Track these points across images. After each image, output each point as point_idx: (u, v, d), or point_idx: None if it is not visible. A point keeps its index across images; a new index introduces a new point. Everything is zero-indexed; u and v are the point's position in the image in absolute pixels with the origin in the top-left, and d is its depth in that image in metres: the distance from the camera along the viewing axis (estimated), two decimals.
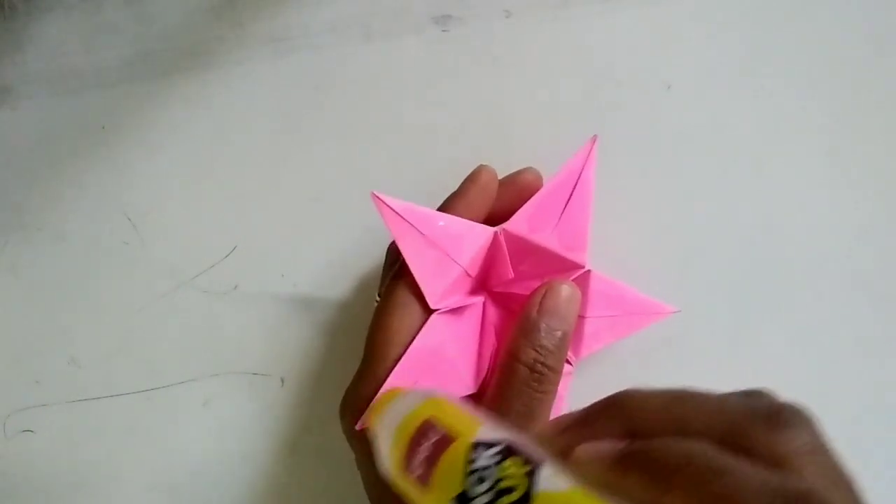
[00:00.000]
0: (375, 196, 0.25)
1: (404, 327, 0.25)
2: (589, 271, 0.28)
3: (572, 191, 0.27)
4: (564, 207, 0.27)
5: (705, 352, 0.32)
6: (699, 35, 0.33)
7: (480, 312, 0.28)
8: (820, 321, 0.32)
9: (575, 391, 0.30)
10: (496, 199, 0.28)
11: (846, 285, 0.32)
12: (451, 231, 0.26)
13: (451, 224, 0.26)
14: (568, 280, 0.26)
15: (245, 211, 0.34)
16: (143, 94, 0.34)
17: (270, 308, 0.33)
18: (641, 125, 0.33)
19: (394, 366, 0.25)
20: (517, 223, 0.26)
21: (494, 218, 0.28)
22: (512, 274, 0.26)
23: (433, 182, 0.28)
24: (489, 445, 0.19)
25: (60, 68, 0.35)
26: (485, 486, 0.18)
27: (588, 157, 0.27)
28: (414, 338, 0.25)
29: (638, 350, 0.32)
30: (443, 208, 0.27)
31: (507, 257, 0.26)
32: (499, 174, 0.29)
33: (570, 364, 0.28)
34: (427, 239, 0.25)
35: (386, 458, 0.22)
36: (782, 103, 0.33)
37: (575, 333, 0.28)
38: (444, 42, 0.34)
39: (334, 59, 0.34)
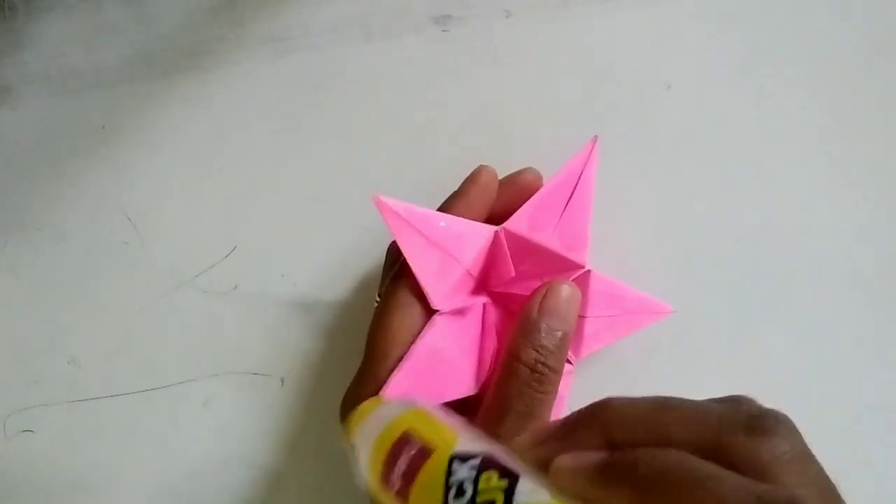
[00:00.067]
0: (377, 199, 0.25)
1: (405, 327, 0.25)
2: (589, 271, 0.28)
3: (573, 191, 0.27)
4: (565, 207, 0.27)
5: (705, 352, 0.32)
6: (699, 35, 0.33)
7: (481, 313, 0.28)
8: (820, 321, 0.32)
9: (576, 391, 0.30)
10: (496, 200, 0.28)
11: (846, 285, 0.32)
12: (453, 231, 0.26)
13: (453, 224, 0.26)
14: (568, 280, 0.26)
15: (245, 211, 0.34)
16: (143, 94, 0.34)
17: (270, 308, 0.33)
18: (641, 125, 0.33)
19: (395, 366, 0.25)
20: (517, 222, 0.26)
21: (495, 218, 0.28)
22: (513, 272, 0.26)
23: (433, 182, 0.28)
24: (466, 458, 0.19)
25: (60, 68, 0.35)
26: (463, 501, 0.18)
27: (589, 158, 0.27)
28: (415, 338, 0.25)
29: (638, 350, 0.32)
30: (443, 208, 0.27)
31: (509, 256, 0.26)
32: (499, 174, 0.29)
33: (571, 364, 0.28)
34: (429, 240, 0.25)
35: (365, 471, 0.21)
36: (782, 103, 0.33)
37: (575, 333, 0.28)
38: (444, 42, 0.34)
39: (334, 59, 0.34)
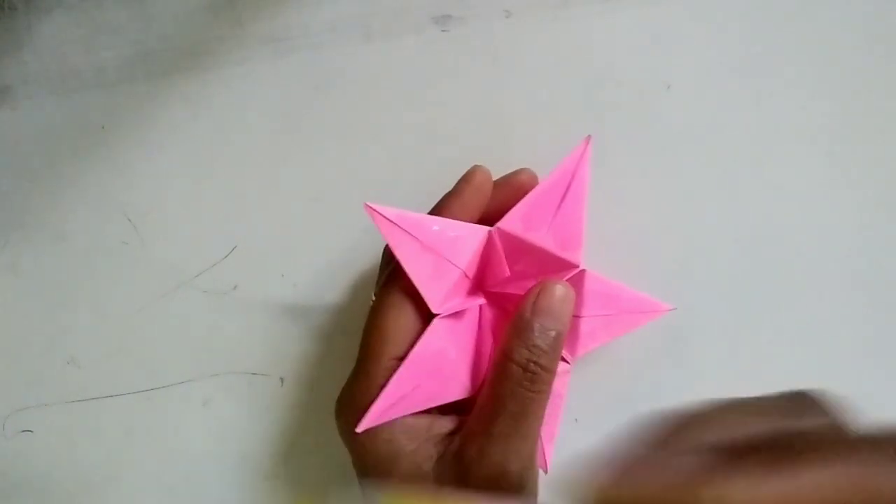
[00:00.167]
0: (369, 207, 0.25)
1: (398, 327, 0.25)
2: (584, 271, 0.28)
3: (566, 190, 0.27)
4: (559, 207, 0.27)
5: (705, 352, 0.32)
6: (699, 35, 0.33)
7: (478, 314, 0.28)
8: (820, 321, 0.32)
9: (574, 390, 0.30)
10: (491, 200, 0.28)
11: (846, 285, 0.32)
12: (447, 234, 0.26)
13: (446, 227, 0.26)
14: (562, 280, 0.26)
15: (245, 211, 0.34)
16: (143, 94, 0.34)
17: (270, 308, 0.33)
18: (641, 125, 0.33)
19: (388, 365, 0.25)
20: (511, 221, 0.26)
21: (489, 219, 0.28)
22: (508, 272, 0.26)
23: (433, 182, 0.28)
24: None
25: (60, 68, 0.35)
26: None
27: (582, 157, 0.27)
28: (411, 339, 0.25)
29: (636, 349, 0.32)
30: (437, 209, 0.27)
31: (503, 256, 0.26)
32: (499, 174, 0.29)
33: (568, 363, 0.28)
34: (423, 244, 0.25)
35: None
36: (782, 103, 0.33)
37: (571, 332, 0.28)
38: (444, 42, 0.34)
39: (334, 59, 0.34)
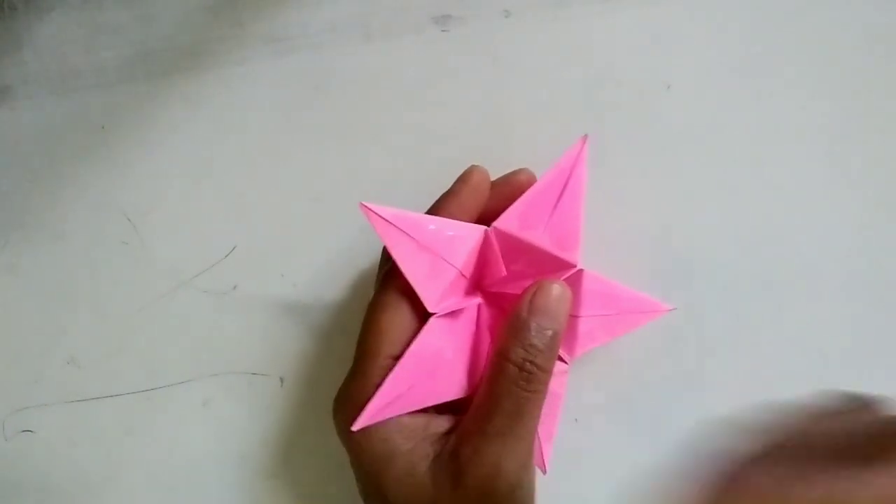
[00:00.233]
0: (364, 206, 0.24)
1: (394, 326, 0.25)
2: (581, 270, 0.28)
3: (563, 190, 0.26)
4: (555, 206, 0.26)
5: (704, 352, 0.32)
6: (699, 35, 0.33)
7: (475, 313, 0.27)
8: (820, 321, 0.32)
9: (573, 390, 0.30)
10: (489, 200, 0.28)
11: (846, 285, 0.32)
12: (443, 233, 0.26)
13: (442, 227, 0.26)
14: (559, 279, 0.26)
15: (245, 211, 0.34)
16: (143, 94, 0.34)
17: (270, 308, 0.33)
18: (641, 125, 0.33)
19: (385, 364, 0.25)
20: (508, 221, 0.26)
21: (488, 219, 0.28)
22: (504, 271, 0.26)
23: (432, 182, 0.28)
24: None
25: (60, 68, 0.35)
26: None
27: (578, 156, 0.27)
28: (407, 338, 0.25)
29: (636, 349, 0.32)
30: (435, 208, 0.27)
31: (499, 255, 0.26)
32: (499, 174, 0.29)
33: (566, 363, 0.28)
34: (419, 244, 0.25)
35: None
36: (782, 103, 0.33)
37: (569, 332, 0.28)
38: (444, 42, 0.34)
39: (334, 59, 0.34)
